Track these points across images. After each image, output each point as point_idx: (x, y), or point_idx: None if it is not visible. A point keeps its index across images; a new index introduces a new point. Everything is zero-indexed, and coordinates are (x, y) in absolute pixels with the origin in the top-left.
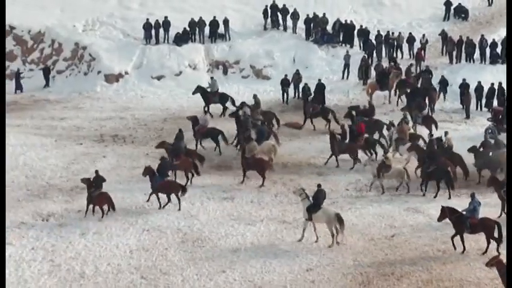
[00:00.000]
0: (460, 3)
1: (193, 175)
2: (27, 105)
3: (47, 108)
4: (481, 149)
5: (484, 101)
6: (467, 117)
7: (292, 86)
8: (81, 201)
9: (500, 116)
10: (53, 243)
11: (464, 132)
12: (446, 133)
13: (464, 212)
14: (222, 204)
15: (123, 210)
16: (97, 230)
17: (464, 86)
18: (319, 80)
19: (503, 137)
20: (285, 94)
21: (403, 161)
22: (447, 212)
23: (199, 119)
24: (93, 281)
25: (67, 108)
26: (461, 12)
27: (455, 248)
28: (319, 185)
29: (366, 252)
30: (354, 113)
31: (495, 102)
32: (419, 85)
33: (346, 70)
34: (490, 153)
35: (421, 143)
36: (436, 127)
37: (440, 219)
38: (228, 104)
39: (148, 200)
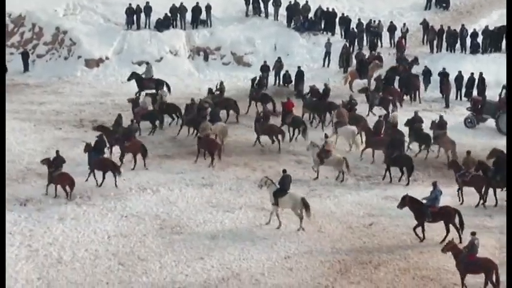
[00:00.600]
0: None
1: (144, 158)
2: (6, 89)
3: (26, 93)
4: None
5: (464, 90)
6: (447, 106)
7: (273, 72)
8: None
9: (480, 106)
10: (30, 228)
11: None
12: (392, 111)
13: (425, 201)
14: (201, 191)
15: (101, 196)
16: (75, 215)
17: (443, 75)
18: (299, 67)
19: (481, 126)
20: (265, 80)
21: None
22: (407, 201)
23: (139, 101)
24: (70, 267)
25: (46, 93)
26: (443, 2)
27: (419, 238)
28: (284, 171)
29: (344, 240)
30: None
31: (475, 92)
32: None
33: (327, 58)
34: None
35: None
36: (396, 107)
37: (400, 206)
38: (165, 89)
39: (87, 180)
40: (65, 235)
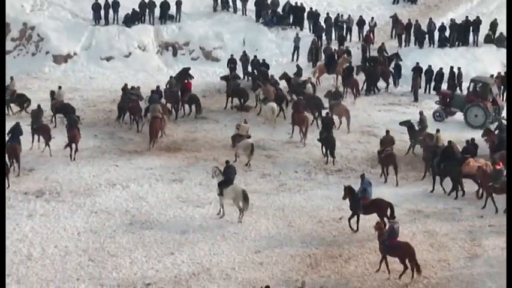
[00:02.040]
0: None
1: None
2: None
3: None
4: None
5: (432, 84)
6: (416, 100)
7: (241, 67)
8: (28, 183)
9: (448, 99)
10: None
11: (413, 115)
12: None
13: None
14: (171, 186)
15: (71, 192)
16: (44, 212)
17: (417, 70)
18: (263, 60)
19: (450, 120)
20: (232, 73)
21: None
22: (347, 192)
23: (55, 93)
24: (40, 263)
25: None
26: None
27: (351, 229)
28: (227, 161)
29: (314, 234)
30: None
31: (444, 86)
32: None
33: (295, 52)
34: None
35: None
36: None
37: (344, 197)
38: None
39: None
40: (35, 231)
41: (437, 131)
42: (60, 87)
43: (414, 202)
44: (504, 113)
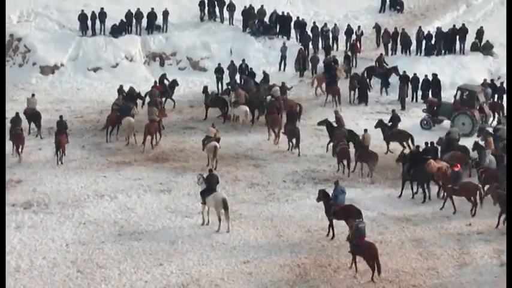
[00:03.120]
0: None
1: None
2: None
3: None
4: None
5: (420, 92)
6: (403, 108)
7: (228, 75)
8: (15, 194)
9: (435, 107)
10: None
11: (400, 123)
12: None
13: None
14: (159, 197)
15: (59, 203)
16: (32, 223)
17: (404, 78)
18: (250, 68)
19: (437, 128)
20: (219, 83)
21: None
22: (322, 196)
23: (28, 100)
24: (28, 275)
25: None
26: (397, 5)
27: (328, 235)
28: (210, 170)
29: (303, 243)
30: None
31: (431, 94)
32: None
33: (282, 62)
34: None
35: None
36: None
37: (317, 199)
38: None
39: None
40: (23, 243)
41: (365, 130)
42: (33, 95)
43: (402, 210)
44: (491, 121)
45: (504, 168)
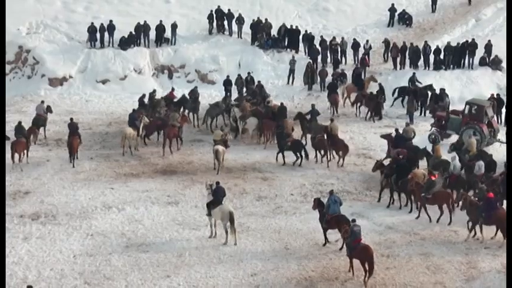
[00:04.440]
0: (404, 10)
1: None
2: None
3: None
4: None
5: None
6: (411, 122)
7: (236, 88)
8: (24, 206)
9: (444, 122)
10: None
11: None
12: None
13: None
14: (167, 209)
15: (67, 214)
16: (40, 234)
17: (412, 92)
18: (259, 81)
19: (445, 142)
20: (228, 94)
21: None
22: (316, 204)
23: (36, 107)
24: (36, 287)
25: (10, 112)
26: (406, 19)
27: (325, 243)
28: (217, 182)
29: (311, 256)
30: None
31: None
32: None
33: (291, 75)
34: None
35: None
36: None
37: (314, 208)
38: None
39: None
40: (30, 254)
41: (332, 120)
42: (42, 102)
43: (410, 225)
44: (499, 136)
45: (474, 177)
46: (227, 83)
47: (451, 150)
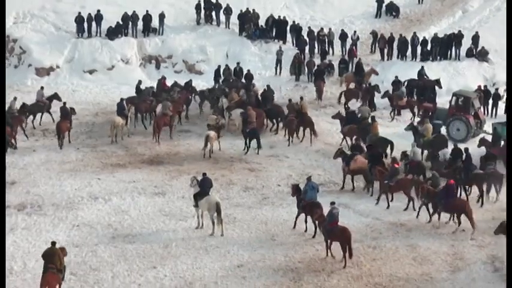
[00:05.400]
0: (391, 1)
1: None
2: None
3: None
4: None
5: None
6: (398, 114)
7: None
8: (9, 196)
9: (431, 113)
10: None
11: (395, 128)
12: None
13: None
14: (153, 200)
15: (52, 205)
16: (26, 225)
17: (396, 83)
18: (248, 70)
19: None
20: (217, 84)
21: None
22: (294, 190)
23: (37, 92)
24: (21, 277)
25: None
26: (393, 10)
27: (294, 226)
28: (204, 174)
29: (297, 248)
30: None
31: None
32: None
33: (278, 66)
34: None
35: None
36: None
37: (293, 195)
38: None
39: None
40: (16, 245)
41: (301, 98)
42: (42, 88)
43: (396, 216)
44: (486, 127)
45: (441, 165)
46: (217, 74)
47: (408, 129)
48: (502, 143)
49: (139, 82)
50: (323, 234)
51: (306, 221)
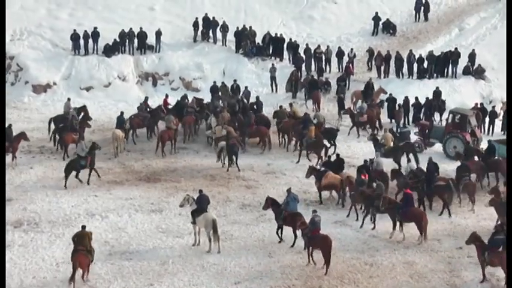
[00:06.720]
0: (388, 19)
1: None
2: None
3: None
4: None
5: (411, 115)
6: (397, 131)
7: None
8: (7, 213)
9: (427, 131)
10: None
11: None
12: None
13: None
14: (150, 217)
15: (49, 222)
16: (23, 242)
17: (390, 101)
18: (246, 87)
19: (429, 151)
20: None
21: None
22: (270, 203)
23: (64, 104)
24: None
25: None
26: (390, 28)
27: (280, 238)
28: (200, 191)
29: (294, 265)
30: None
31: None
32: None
33: (273, 83)
34: None
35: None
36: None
37: (265, 207)
38: None
39: None
40: (13, 262)
41: (290, 105)
42: (68, 99)
43: (393, 233)
44: (482, 145)
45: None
46: (214, 90)
47: (369, 139)
48: (476, 158)
49: (146, 98)
50: (304, 241)
51: (281, 231)
